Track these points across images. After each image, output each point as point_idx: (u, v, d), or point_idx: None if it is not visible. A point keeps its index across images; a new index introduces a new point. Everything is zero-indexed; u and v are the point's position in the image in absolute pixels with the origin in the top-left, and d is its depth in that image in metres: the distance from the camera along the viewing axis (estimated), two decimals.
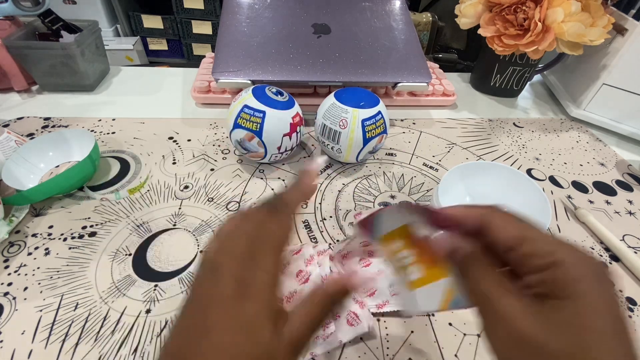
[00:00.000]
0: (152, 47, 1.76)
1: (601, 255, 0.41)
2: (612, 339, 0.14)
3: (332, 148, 0.46)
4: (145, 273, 0.35)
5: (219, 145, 0.52)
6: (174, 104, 0.60)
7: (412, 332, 0.32)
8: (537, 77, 0.80)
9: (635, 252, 0.41)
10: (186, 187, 0.45)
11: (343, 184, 0.47)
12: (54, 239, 0.37)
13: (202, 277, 0.19)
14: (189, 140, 0.52)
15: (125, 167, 0.47)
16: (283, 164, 0.49)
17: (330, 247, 0.37)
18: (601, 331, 0.14)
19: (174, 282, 0.34)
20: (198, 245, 0.38)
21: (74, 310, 0.32)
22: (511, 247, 0.17)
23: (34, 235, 0.38)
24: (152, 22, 1.68)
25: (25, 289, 0.33)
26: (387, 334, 0.32)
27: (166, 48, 1.78)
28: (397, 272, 0.24)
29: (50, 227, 0.38)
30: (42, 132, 0.51)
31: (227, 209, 0.42)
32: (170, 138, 0.52)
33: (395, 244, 0.24)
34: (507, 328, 0.15)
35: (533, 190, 0.39)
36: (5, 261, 0.35)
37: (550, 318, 0.15)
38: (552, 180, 0.52)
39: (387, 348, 0.31)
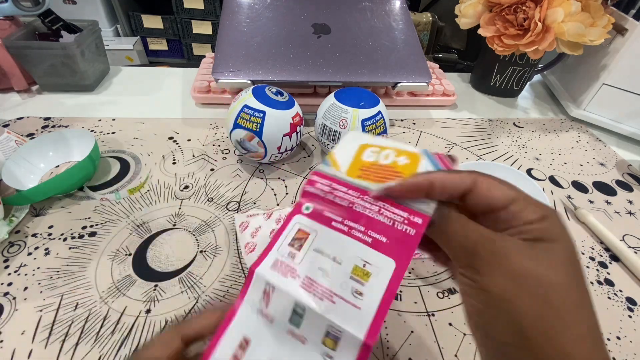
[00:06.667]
0: (152, 47, 1.76)
1: (601, 255, 0.41)
2: (573, 279, 0.17)
3: (332, 148, 0.46)
4: (145, 273, 0.35)
5: (219, 145, 0.52)
6: (174, 104, 0.60)
7: (412, 332, 0.32)
8: (537, 77, 0.80)
9: (635, 252, 0.41)
10: (186, 187, 0.45)
11: None
12: (54, 239, 0.37)
13: None
14: (189, 140, 0.52)
15: (125, 167, 0.47)
16: (283, 164, 0.49)
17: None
18: (580, 266, 0.17)
19: (174, 282, 0.34)
20: (198, 245, 0.38)
21: (74, 310, 0.32)
22: (503, 206, 0.18)
23: (34, 235, 0.38)
24: (152, 22, 1.68)
25: (25, 289, 0.33)
26: (387, 334, 0.32)
27: (166, 48, 1.78)
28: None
29: (50, 227, 0.38)
30: (42, 132, 0.51)
31: (227, 209, 0.42)
32: (170, 138, 0.52)
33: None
34: (507, 266, 0.17)
35: (533, 190, 0.39)
36: (5, 261, 0.35)
37: (545, 256, 0.17)
38: (552, 180, 0.52)
39: (387, 348, 0.31)
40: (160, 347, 0.20)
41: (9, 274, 0.34)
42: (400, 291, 0.36)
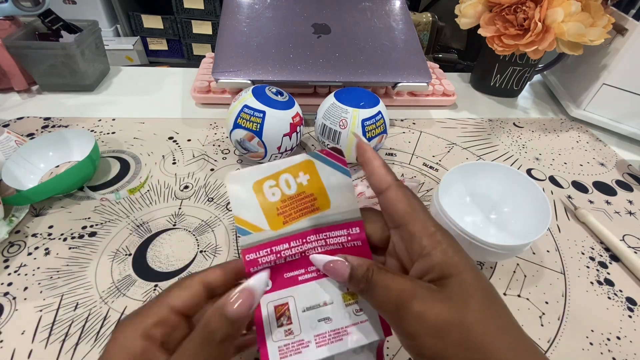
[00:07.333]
0: (152, 47, 1.76)
1: (601, 255, 0.41)
2: (486, 306, 0.17)
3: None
4: (145, 273, 0.35)
5: (219, 145, 0.52)
6: (174, 104, 0.60)
7: None
8: (537, 77, 0.80)
9: (635, 252, 0.41)
10: (186, 187, 0.45)
11: None
12: (54, 239, 0.37)
13: None
14: (189, 140, 0.52)
15: (125, 167, 0.47)
16: None
17: None
18: (484, 280, 0.18)
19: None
20: (198, 245, 0.38)
21: (74, 310, 0.32)
22: (402, 221, 0.20)
23: (34, 235, 0.38)
24: (152, 22, 1.68)
25: (25, 289, 0.33)
26: None
27: (166, 48, 1.78)
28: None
29: (50, 227, 0.38)
30: (42, 132, 0.51)
31: (227, 209, 0.42)
32: (170, 138, 0.52)
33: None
34: (429, 324, 0.17)
35: (533, 190, 0.38)
36: (5, 261, 0.35)
37: (455, 293, 0.17)
38: (552, 180, 0.52)
39: (387, 348, 0.31)
40: (179, 291, 0.20)
41: (9, 274, 0.34)
42: None
